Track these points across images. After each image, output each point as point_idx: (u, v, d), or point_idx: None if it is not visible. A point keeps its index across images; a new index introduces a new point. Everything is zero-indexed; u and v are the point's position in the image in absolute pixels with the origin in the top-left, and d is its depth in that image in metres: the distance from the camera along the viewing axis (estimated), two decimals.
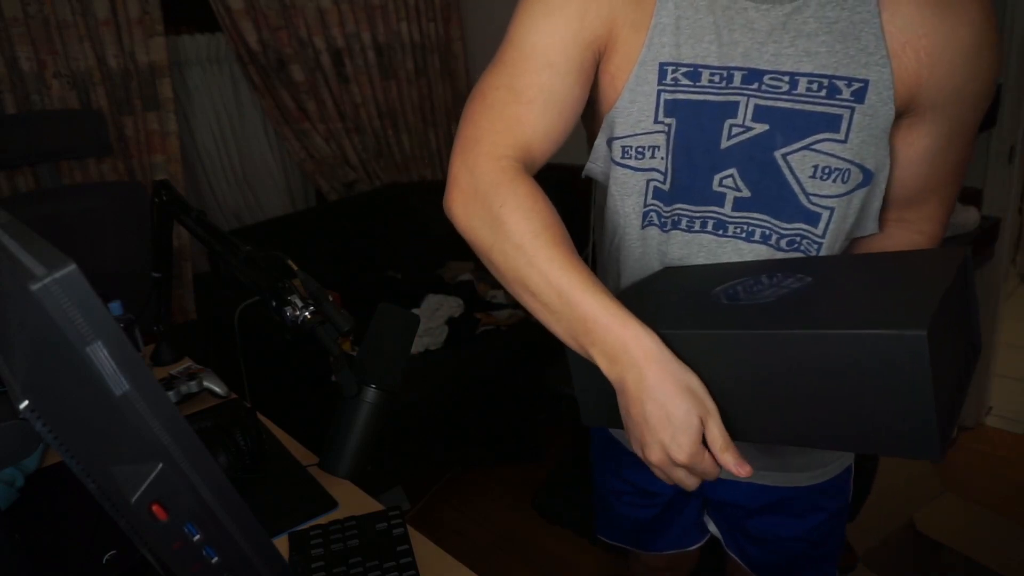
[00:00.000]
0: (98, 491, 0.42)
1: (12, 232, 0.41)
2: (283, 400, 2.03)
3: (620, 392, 0.64)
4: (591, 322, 0.63)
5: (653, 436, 0.61)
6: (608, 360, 0.63)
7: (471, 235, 0.71)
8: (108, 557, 0.84)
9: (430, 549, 0.86)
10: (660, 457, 0.61)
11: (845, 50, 0.68)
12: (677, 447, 0.59)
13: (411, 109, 3.01)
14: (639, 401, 0.61)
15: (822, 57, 0.69)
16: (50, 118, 2.04)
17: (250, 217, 2.78)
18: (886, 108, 0.69)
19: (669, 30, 0.73)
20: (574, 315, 0.64)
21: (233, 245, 0.89)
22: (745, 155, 0.73)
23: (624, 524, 1.08)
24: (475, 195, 0.70)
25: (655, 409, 0.60)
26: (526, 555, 1.99)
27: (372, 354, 0.77)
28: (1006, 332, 2.38)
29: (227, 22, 2.45)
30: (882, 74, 0.68)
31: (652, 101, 0.75)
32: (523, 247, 0.66)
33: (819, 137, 0.70)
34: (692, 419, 0.59)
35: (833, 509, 0.93)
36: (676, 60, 0.73)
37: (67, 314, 0.35)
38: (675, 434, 0.59)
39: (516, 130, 0.72)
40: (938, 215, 0.81)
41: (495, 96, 0.73)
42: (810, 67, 0.69)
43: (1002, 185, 2.05)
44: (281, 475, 1.03)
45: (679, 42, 0.73)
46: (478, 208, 0.70)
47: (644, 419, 0.61)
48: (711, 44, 0.72)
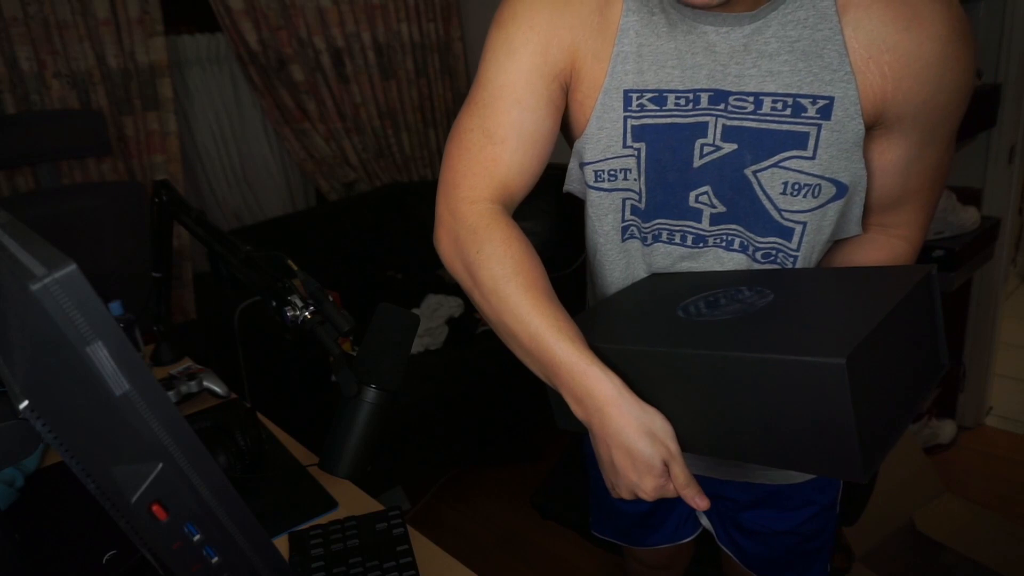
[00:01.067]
0: (98, 491, 0.42)
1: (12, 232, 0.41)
2: (283, 400, 2.03)
3: (589, 432, 0.68)
4: (557, 366, 0.67)
5: (620, 479, 0.66)
6: (575, 402, 0.67)
7: (455, 275, 0.76)
8: (108, 557, 0.84)
9: (430, 549, 0.86)
10: (628, 495, 0.67)
11: (808, 68, 0.68)
12: (642, 490, 0.65)
13: (411, 109, 3.01)
14: (606, 446, 0.66)
15: (785, 76, 0.69)
16: (50, 118, 2.04)
17: (250, 217, 2.78)
18: (854, 123, 0.69)
19: (631, 58, 0.73)
20: (543, 359, 0.68)
21: (233, 245, 0.89)
22: (717, 173, 0.74)
23: (617, 519, 1.08)
24: (456, 239, 0.74)
25: (620, 455, 0.65)
26: (526, 555, 1.99)
27: (372, 354, 0.77)
28: (1006, 332, 2.39)
29: (227, 22, 2.45)
30: (847, 90, 0.68)
31: (619, 127, 0.76)
32: (496, 292, 0.70)
33: (787, 155, 0.71)
34: (655, 462, 0.63)
35: (825, 503, 0.94)
36: (640, 87, 0.74)
37: (67, 314, 0.35)
38: (640, 477, 0.64)
39: (492, 171, 0.75)
40: (918, 220, 0.81)
41: (470, 139, 0.75)
42: (773, 87, 0.69)
43: (1002, 185, 2.05)
44: (281, 475, 1.03)
45: (642, 68, 0.73)
46: (458, 252, 0.74)
47: (611, 463, 0.66)
48: (674, 69, 0.72)
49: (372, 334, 0.78)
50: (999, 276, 2.16)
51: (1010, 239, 2.18)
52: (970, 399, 2.32)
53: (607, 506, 1.09)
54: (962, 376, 2.28)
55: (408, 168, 3.06)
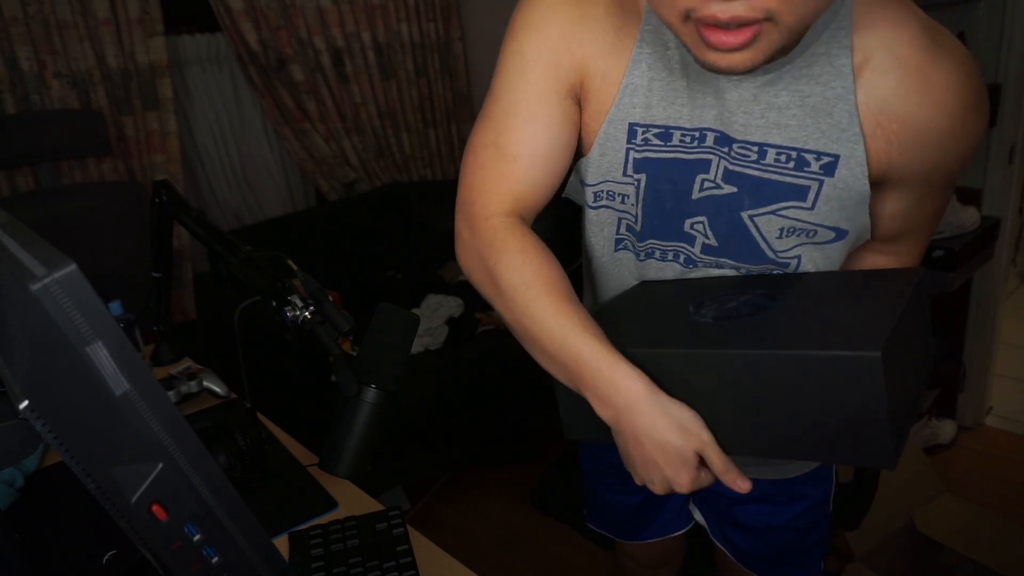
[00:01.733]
0: (98, 491, 0.42)
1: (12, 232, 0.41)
2: (283, 400, 2.03)
3: (616, 433, 0.67)
4: (582, 365, 0.66)
5: (654, 474, 0.65)
6: (600, 402, 0.66)
7: (476, 287, 0.77)
8: (108, 557, 0.84)
9: (430, 549, 0.86)
10: (664, 489, 0.66)
11: (816, 124, 0.67)
12: (678, 483, 0.64)
13: (411, 109, 3.01)
14: (637, 443, 0.65)
15: (792, 130, 0.68)
16: (50, 118, 2.04)
17: (250, 217, 2.78)
18: (859, 184, 0.68)
19: (641, 91, 0.72)
20: (568, 360, 0.67)
21: (233, 245, 0.89)
22: (714, 208, 0.74)
23: (610, 512, 1.09)
24: (475, 253, 0.75)
25: (654, 450, 0.64)
26: (526, 555, 1.99)
27: (372, 354, 0.77)
28: (1006, 332, 2.39)
29: (227, 22, 2.45)
30: (854, 150, 0.66)
31: (621, 157, 0.75)
32: (516, 299, 0.70)
33: (785, 204, 0.70)
34: (688, 455, 0.63)
35: (818, 497, 0.95)
36: (647, 122, 0.73)
37: (67, 314, 0.35)
38: (676, 471, 0.64)
39: (505, 187, 0.75)
40: (914, 250, 0.82)
41: (484, 155, 0.76)
42: (779, 139, 0.68)
43: (1002, 185, 2.05)
44: (281, 475, 1.03)
45: (651, 103, 0.72)
46: (478, 264, 0.75)
47: (644, 460, 0.65)
48: (683, 107, 0.71)
49: (372, 334, 0.78)
50: (999, 276, 2.16)
51: (1010, 239, 2.18)
52: (970, 399, 2.32)
53: (599, 500, 1.09)
54: (962, 376, 2.27)
55: (408, 168, 3.06)
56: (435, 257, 2.79)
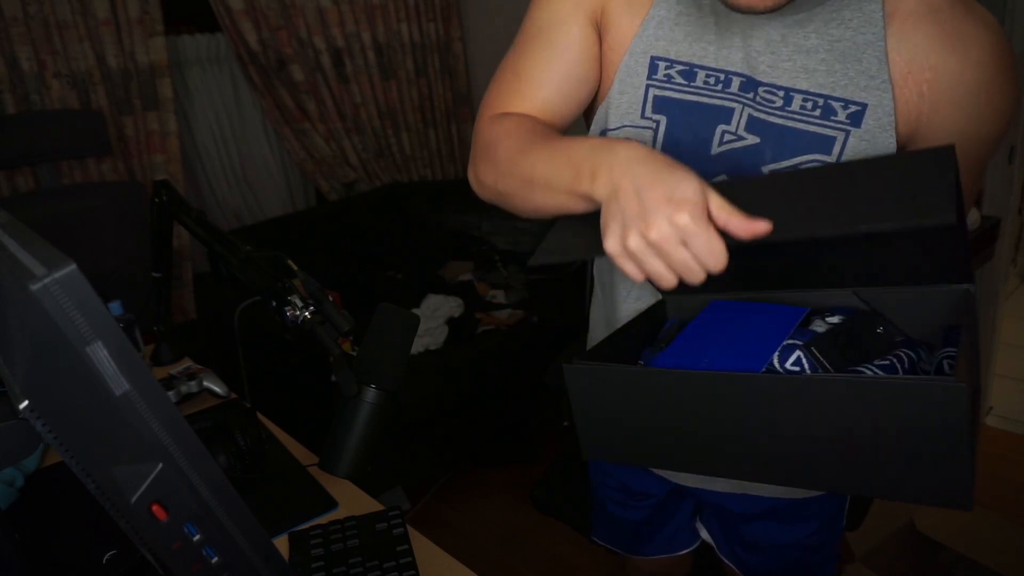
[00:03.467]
0: (98, 491, 0.42)
1: (12, 232, 0.41)
2: (283, 400, 2.03)
3: (613, 199, 0.55)
4: (576, 155, 0.60)
5: (654, 210, 0.51)
6: (602, 174, 0.57)
7: (487, 184, 0.74)
8: (108, 557, 0.84)
9: (430, 549, 0.85)
10: (664, 232, 0.51)
11: (844, 71, 0.66)
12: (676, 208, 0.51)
13: (411, 109, 3.01)
14: (635, 190, 0.53)
15: (820, 76, 0.66)
16: (50, 118, 2.04)
17: (250, 217, 2.78)
18: (886, 135, 0.66)
19: (667, 24, 0.71)
20: (567, 164, 0.61)
21: (233, 245, 0.89)
22: (734, 164, 0.72)
23: (616, 526, 1.08)
24: (476, 151, 0.75)
25: (653, 185, 0.52)
26: (526, 555, 1.99)
27: (372, 354, 0.77)
28: (1006, 332, 2.39)
29: (227, 22, 2.45)
30: (882, 99, 0.65)
31: (640, 95, 0.73)
32: (511, 159, 0.68)
33: (807, 158, 0.69)
34: (690, 191, 0.51)
35: (828, 515, 0.93)
36: (670, 56, 0.71)
37: (67, 314, 0.35)
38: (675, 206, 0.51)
39: (515, 104, 0.76)
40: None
41: (502, 76, 0.78)
42: (806, 84, 0.67)
43: (1002, 185, 2.05)
44: (281, 475, 1.03)
45: (676, 37, 0.71)
46: (479, 156, 0.74)
47: (639, 200, 0.53)
48: (710, 44, 0.70)
49: (372, 334, 0.78)
50: (999, 276, 2.16)
51: (1010, 239, 2.18)
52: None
53: (606, 514, 1.08)
54: None
55: (408, 168, 3.06)
56: (435, 257, 2.79)
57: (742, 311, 0.71)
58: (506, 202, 0.74)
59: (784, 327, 0.65)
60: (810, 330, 0.66)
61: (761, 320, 0.68)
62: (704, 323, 0.71)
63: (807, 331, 0.66)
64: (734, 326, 0.68)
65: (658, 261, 0.52)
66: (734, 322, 0.69)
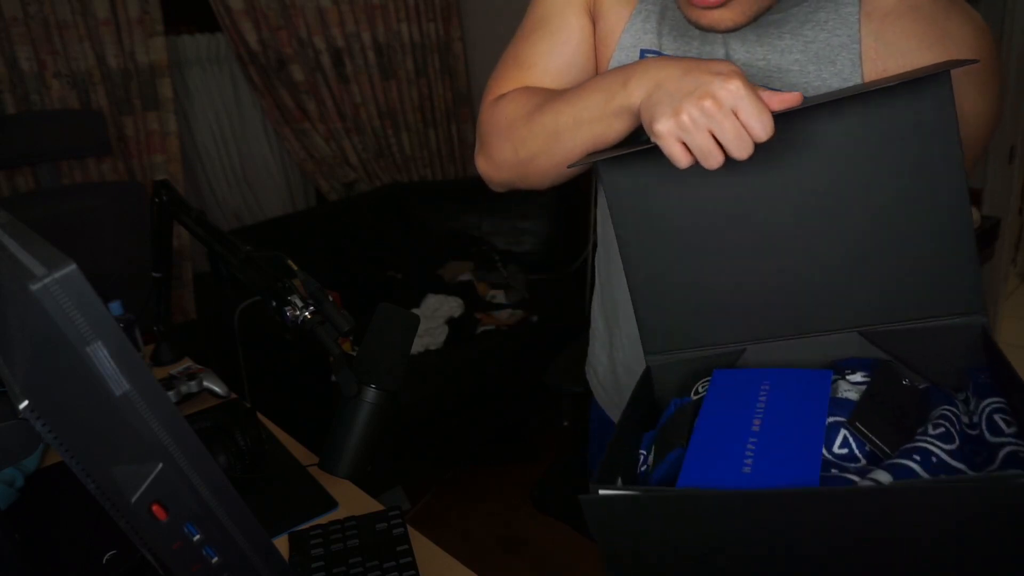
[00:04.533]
0: (98, 491, 0.42)
1: (12, 232, 0.41)
2: (283, 400, 2.03)
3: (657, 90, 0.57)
4: (601, 81, 0.63)
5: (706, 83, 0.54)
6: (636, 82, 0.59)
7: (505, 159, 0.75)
8: (108, 557, 0.84)
9: (430, 549, 0.85)
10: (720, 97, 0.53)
11: (818, 72, 0.66)
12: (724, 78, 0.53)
13: (411, 109, 3.01)
14: (680, 73, 0.56)
15: (792, 76, 0.67)
16: (50, 118, 2.04)
17: (250, 217, 2.78)
18: None
19: (654, 17, 0.73)
20: (595, 91, 0.64)
21: (233, 245, 0.89)
22: None
23: None
24: (483, 135, 0.77)
25: (697, 66, 0.56)
26: (526, 555, 1.99)
27: (372, 354, 0.77)
28: (1006, 332, 2.39)
29: (227, 22, 2.45)
30: None
31: None
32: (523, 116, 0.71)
33: None
34: (728, 62, 0.56)
35: None
36: (657, 49, 0.73)
37: (67, 314, 0.35)
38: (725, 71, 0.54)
39: (512, 88, 0.77)
40: None
41: (504, 65, 0.80)
42: (779, 85, 0.67)
43: (1002, 185, 2.05)
44: (281, 475, 1.03)
45: (662, 31, 0.73)
46: (489, 136, 0.76)
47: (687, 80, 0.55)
48: (693, 39, 0.72)
49: (372, 334, 0.78)
50: (999, 276, 2.16)
51: (1010, 239, 2.18)
52: None
53: None
54: None
55: (408, 168, 3.06)
56: (435, 257, 2.79)
57: (755, 382, 0.63)
58: (528, 170, 0.74)
59: (817, 402, 0.58)
60: (843, 399, 0.59)
61: (786, 393, 0.60)
62: (718, 406, 0.61)
63: (838, 400, 0.59)
64: (756, 406, 0.60)
65: (707, 135, 0.53)
66: (753, 399, 0.61)
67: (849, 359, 0.64)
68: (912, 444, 0.52)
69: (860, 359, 0.63)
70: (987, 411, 0.54)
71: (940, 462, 0.51)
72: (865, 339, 0.63)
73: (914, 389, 0.59)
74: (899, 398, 0.57)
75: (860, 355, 0.64)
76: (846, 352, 0.64)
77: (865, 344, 0.64)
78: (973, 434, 0.54)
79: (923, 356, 0.62)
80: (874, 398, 0.57)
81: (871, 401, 0.57)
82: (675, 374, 0.69)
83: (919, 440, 0.53)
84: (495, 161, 0.77)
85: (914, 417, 0.56)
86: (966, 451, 0.52)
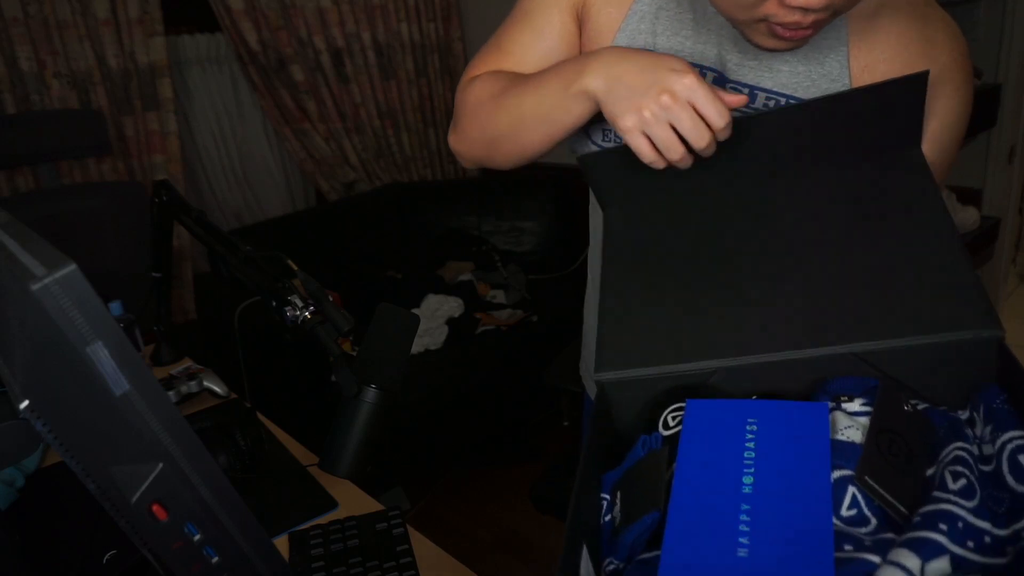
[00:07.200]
0: (98, 491, 0.42)
1: (12, 232, 0.41)
2: (283, 400, 2.03)
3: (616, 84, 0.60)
4: (560, 68, 0.67)
5: (663, 78, 0.57)
6: (592, 72, 0.62)
7: (473, 137, 0.78)
8: (108, 557, 0.84)
9: (430, 549, 0.85)
10: (676, 91, 0.56)
11: (808, 72, 0.69)
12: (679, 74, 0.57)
13: (411, 109, 3.01)
14: (637, 70, 0.59)
15: (783, 76, 0.70)
16: (50, 118, 2.04)
17: (250, 217, 2.78)
18: None
19: (648, 18, 0.74)
20: (554, 77, 0.66)
21: (233, 245, 0.89)
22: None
23: None
24: (457, 112, 0.79)
25: (652, 62, 0.59)
26: (526, 555, 1.99)
27: (372, 354, 0.77)
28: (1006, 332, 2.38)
29: (227, 22, 2.45)
30: None
31: None
32: (503, 93, 0.72)
33: None
34: (681, 59, 0.59)
35: None
36: (651, 48, 0.75)
37: (67, 314, 0.35)
38: (678, 67, 0.58)
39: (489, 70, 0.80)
40: None
41: (486, 50, 0.83)
42: (770, 84, 0.70)
43: (1002, 185, 2.05)
44: (281, 475, 1.03)
45: (656, 31, 0.74)
46: (461, 115, 0.78)
47: (645, 75, 0.58)
48: (687, 39, 0.73)
49: (372, 334, 0.78)
50: (999, 276, 2.16)
51: (1010, 239, 2.18)
52: None
53: None
54: None
55: (408, 168, 3.06)
56: (435, 257, 2.79)
57: (739, 418, 0.53)
58: (493, 150, 0.77)
59: (817, 449, 0.49)
60: (845, 442, 0.50)
61: (778, 436, 0.51)
62: (698, 454, 0.52)
63: (840, 443, 0.50)
64: (743, 454, 0.51)
65: (668, 128, 0.57)
66: (739, 445, 0.51)
67: (841, 379, 0.55)
68: (934, 507, 0.44)
69: (855, 379, 0.55)
70: (1010, 448, 0.46)
71: (966, 527, 0.42)
72: (858, 359, 0.55)
73: (917, 416, 0.52)
74: (903, 430, 0.50)
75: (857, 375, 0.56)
76: (834, 373, 0.55)
77: (858, 363, 0.55)
78: (988, 470, 0.47)
79: (925, 374, 0.54)
80: (879, 436, 0.48)
81: (876, 442, 0.48)
82: (635, 398, 0.59)
83: (940, 498, 0.44)
84: (464, 139, 0.79)
85: (921, 451, 0.49)
86: (985, 498, 0.44)
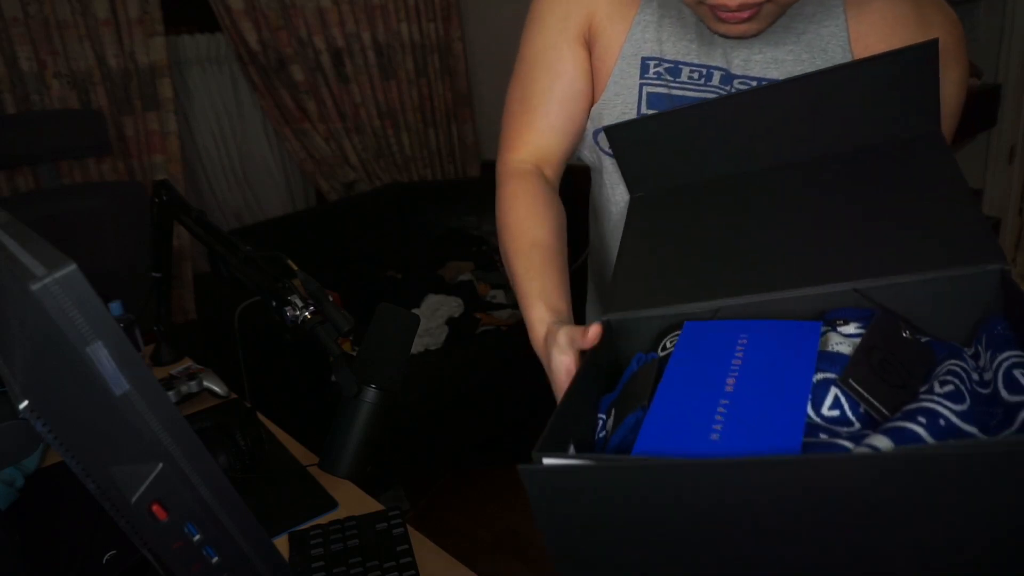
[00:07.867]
0: (98, 491, 0.42)
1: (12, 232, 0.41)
2: (283, 400, 2.03)
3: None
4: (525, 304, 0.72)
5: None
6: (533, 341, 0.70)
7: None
8: (108, 557, 0.84)
9: (430, 549, 0.86)
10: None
11: (812, 59, 0.71)
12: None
13: (411, 109, 3.01)
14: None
15: (788, 65, 0.72)
16: (50, 118, 2.04)
17: (250, 217, 2.78)
18: None
19: (652, 27, 0.76)
20: (521, 299, 0.73)
21: (233, 245, 0.89)
22: None
23: None
24: (497, 190, 0.82)
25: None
26: (526, 555, 1.99)
27: (372, 354, 0.77)
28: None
29: (227, 22, 2.45)
30: None
31: (635, 94, 0.78)
32: (503, 255, 0.76)
33: None
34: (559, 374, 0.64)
35: None
36: (659, 55, 0.77)
37: (67, 314, 0.35)
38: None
39: (526, 134, 0.81)
40: None
41: (511, 107, 0.84)
42: (776, 73, 0.72)
43: (1002, 185, 2.05)
44: (281, 475, 1.03)
45: (661, 38, 0.76)
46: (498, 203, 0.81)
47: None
48: (691, 43, 0.75)
49: (372, 334, 0.78)
50: None
51: (1010, 239, 2.18)
52: None
53: None
54: None
55: (408, 168, 3.06)
56: (435, 257, 2.79)
57: (732, 335, 0.54)
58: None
59: (803, 356, 0.50)
60: (833, 352, 0.51)
61: (766, 347, 0.51)
62: (687, 362, 0.52)
63: (828, 354, 0.51)
64: (731, 361, 0.51)
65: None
66: (729, 354, 0.52)
67: (840, 310, 0.55)
68: (916, 404, 0.44)
69: (854, 309, 0.55)
70: (1005, 366, 0.46)
71: (949, 425, 0.42)
72: (861, 295, 0.54)
73: (916, 342, 0.52)
74: (899, 352, 0.50)
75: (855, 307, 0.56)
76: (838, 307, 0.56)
77: (861, 301, 0.55)
78: (985, 393, 0.47)
79: (929, 311, 0.54)
80: (870, 352, 0.48)
81: (867, 355, 0.48)
82: (639, 331, 0.60)
83: (924, 399, 0.45)
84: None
85: (917, 374, 0.49)
86: (978, 412, 0.44)
